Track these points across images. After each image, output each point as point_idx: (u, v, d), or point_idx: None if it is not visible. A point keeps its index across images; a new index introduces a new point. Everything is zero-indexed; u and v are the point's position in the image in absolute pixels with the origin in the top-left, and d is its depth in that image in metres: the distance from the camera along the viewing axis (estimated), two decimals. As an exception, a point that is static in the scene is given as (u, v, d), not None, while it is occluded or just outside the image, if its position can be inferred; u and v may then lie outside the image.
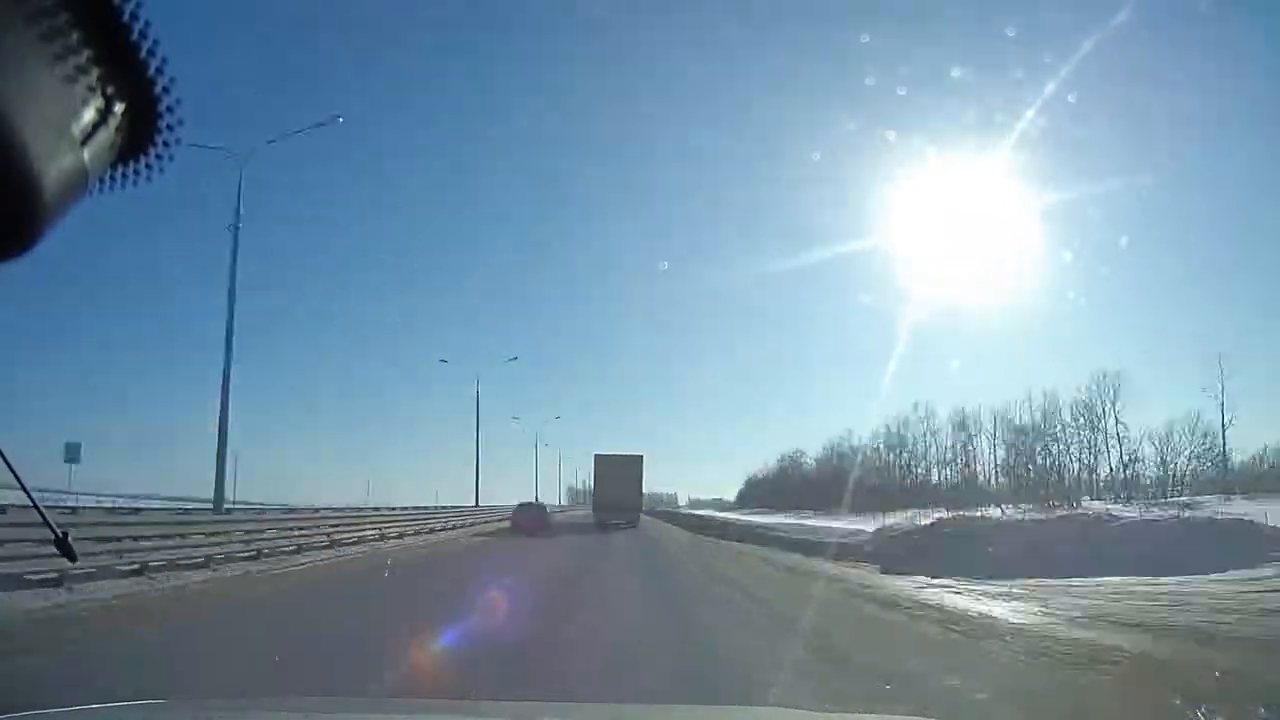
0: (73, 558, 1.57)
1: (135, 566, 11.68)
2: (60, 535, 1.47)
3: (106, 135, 0.71)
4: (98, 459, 46.65)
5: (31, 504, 1.57)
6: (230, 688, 4.96)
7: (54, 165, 0.66)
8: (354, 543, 20.22)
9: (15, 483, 1.42)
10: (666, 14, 57.50)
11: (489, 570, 15.61)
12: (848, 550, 19.98)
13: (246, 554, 15.01)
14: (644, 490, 44.13)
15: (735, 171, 73.49)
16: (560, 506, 73.67)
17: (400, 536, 24.23)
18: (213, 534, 14.81)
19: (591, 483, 43.25)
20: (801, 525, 36.90)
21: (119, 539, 11.84)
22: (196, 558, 13.28)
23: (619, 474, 38.39)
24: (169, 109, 0.74)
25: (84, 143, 0.69)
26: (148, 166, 0.76)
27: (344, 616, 9.79)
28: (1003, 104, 26.86)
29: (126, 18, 0.68)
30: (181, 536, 13.68)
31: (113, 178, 0.74)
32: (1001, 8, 46.54)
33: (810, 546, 21.75)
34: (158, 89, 0.73)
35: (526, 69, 69.36)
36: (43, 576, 9.68)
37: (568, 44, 70.03)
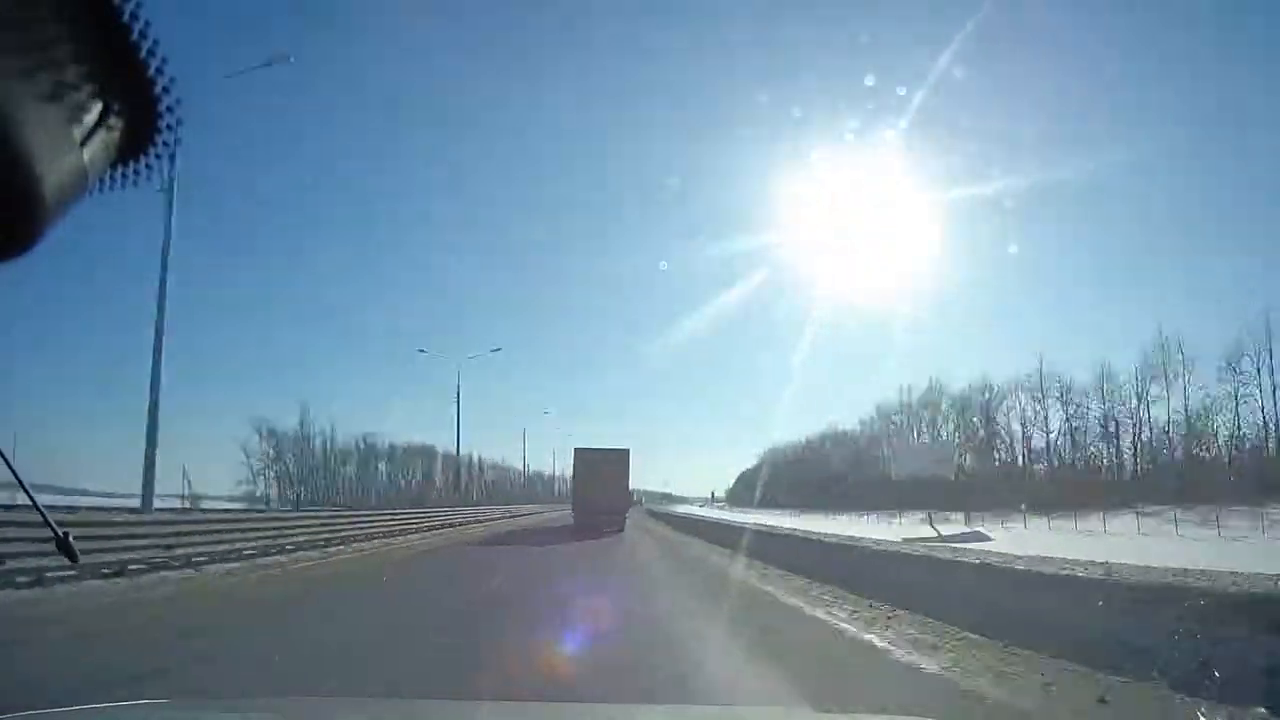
0: (74, 558, 1.56)
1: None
2: (61, 536, 1.47)
3: (106, 135, 0.71)
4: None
5: (32, 504, 1.57)
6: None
7: (54, 165, 0.66)
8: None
9: (16, 484, 1.41)
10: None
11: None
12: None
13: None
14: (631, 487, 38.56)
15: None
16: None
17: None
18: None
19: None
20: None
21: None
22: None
23: (602, 470, 33.12)
24: (169, 109, 0.74)
25: (84, 143, 0.69)
26: (148, 166, 0.75)
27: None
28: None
29: (126, 18, 0.68)
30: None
31: (113, 178, 0.74)
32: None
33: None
34: (158, 89, 0.72)
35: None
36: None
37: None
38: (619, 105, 78.48)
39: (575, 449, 35.76)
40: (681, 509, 69.59)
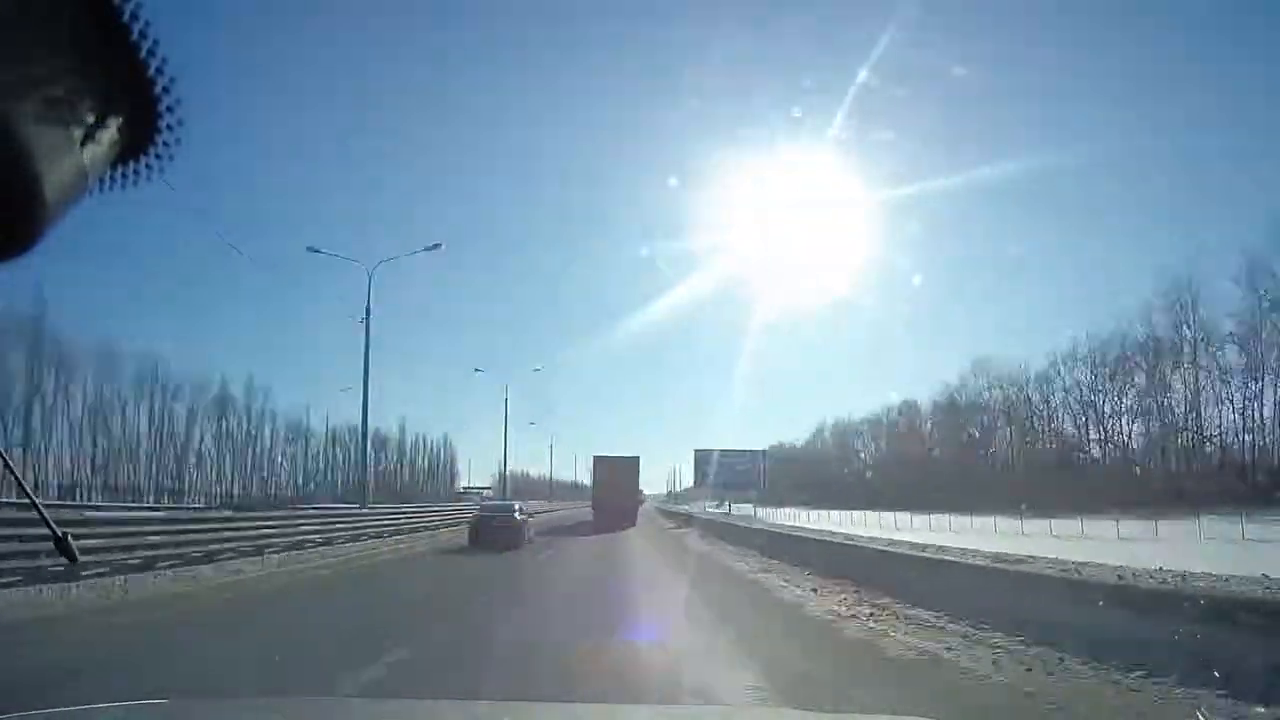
0: (73, 558, 1.57)
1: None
2: (59, 535, 1.47)
3: (106, 135, 0.70)
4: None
5: (32, 504, 1.57)
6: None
7: (54, 165, 0.66)
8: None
9: (19, 485, 1.42)
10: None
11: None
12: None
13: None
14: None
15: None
16: None
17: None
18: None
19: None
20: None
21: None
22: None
23: (617, 475, 39.42)
24: (169, 109, 0.73)
25: (84, 143, 0.68)
26: (148, 166, 0.75)
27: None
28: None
29: (126, 18, 0.68)
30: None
31: (113, 178, 0.74)
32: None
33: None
34: (158, 89, 0.72)
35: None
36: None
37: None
38: (624, 103, 79.07)
39: (594, 456, 41.99)
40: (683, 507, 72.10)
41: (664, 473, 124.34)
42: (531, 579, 14.21)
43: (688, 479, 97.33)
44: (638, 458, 42.37)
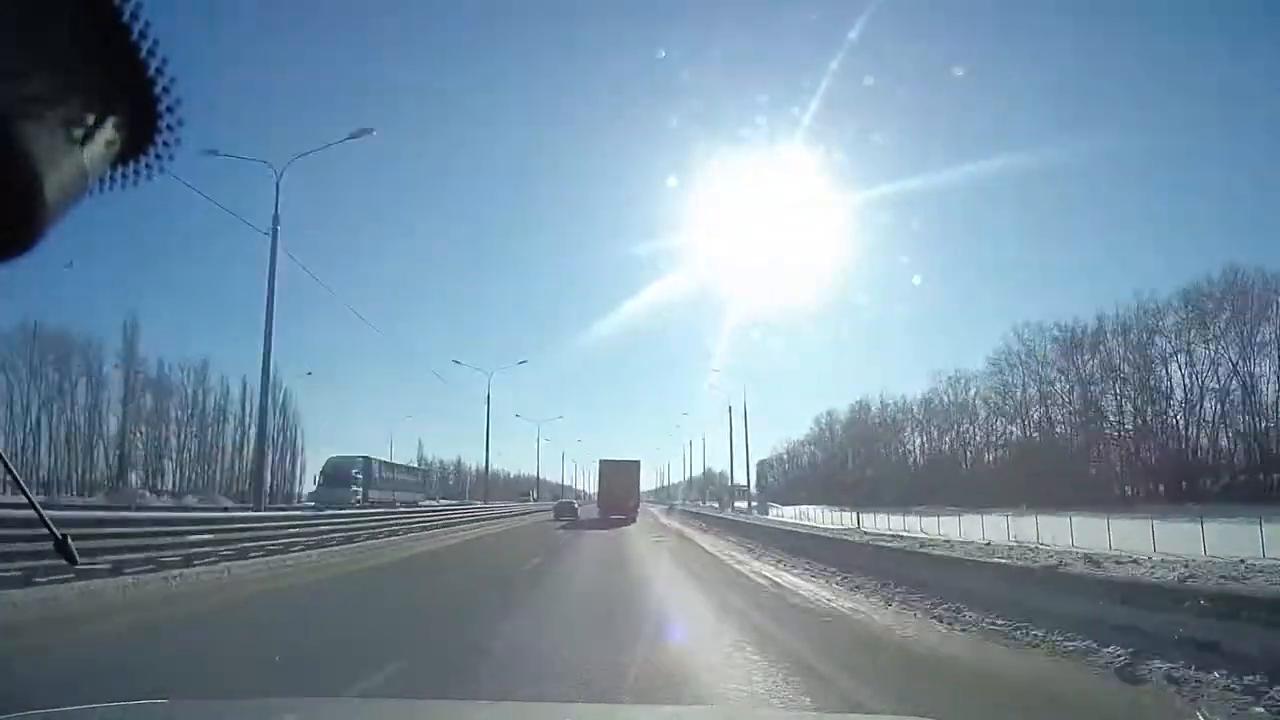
0: (73, 560, 1.55)
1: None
2: (60, 538, 1.47)
3: (106, 135, 0.70)
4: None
5: (31, 506, 1.57)
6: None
7: (54, 166, 0.66)
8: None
9: (17, 485, 1.41)
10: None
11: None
12: None
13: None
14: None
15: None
16: None
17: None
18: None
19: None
20: None
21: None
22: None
23: (620, 477, 44.35)
24: (169, 109, 0.73)
25: (84, 143, 0.68)
26: (148, 166, 0.75)
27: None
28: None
29: (126, 18, 0.67)
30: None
31: (113, 178, 0.74)
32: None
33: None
34: (158, 89, 0.72)
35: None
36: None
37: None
38: (625, 102, 79.28)
39: (600, 460, 47.09)
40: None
41: (659, 469, 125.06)
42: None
43: (677, 476, 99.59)
44: (638, 462, 47.16)
